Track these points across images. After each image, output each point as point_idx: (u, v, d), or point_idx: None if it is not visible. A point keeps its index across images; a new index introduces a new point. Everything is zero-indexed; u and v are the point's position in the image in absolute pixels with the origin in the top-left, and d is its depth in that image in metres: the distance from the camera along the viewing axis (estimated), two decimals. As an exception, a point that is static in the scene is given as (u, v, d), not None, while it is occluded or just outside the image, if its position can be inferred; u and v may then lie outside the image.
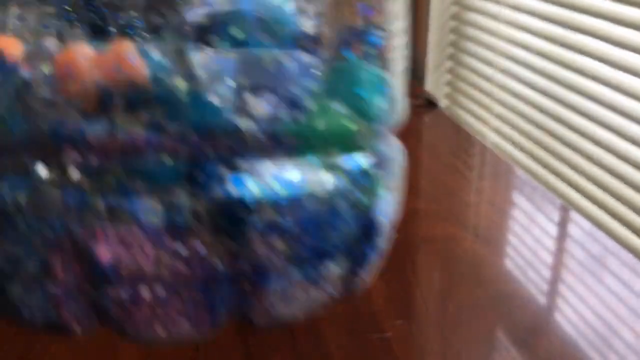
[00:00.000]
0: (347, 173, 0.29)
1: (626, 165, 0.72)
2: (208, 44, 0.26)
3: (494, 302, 0.51)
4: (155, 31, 0.26)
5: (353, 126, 0.28)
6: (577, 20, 0.79)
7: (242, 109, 0.26)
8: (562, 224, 0.64)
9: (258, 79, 0.26)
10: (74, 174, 0.27)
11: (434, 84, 1.14)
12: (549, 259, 0.58)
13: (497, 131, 0.99)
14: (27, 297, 0.29)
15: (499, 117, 0.99)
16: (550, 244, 0.60)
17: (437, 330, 0.48)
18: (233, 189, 0.27)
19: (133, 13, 0.26)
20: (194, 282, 0.29)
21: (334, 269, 0.31)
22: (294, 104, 0.27)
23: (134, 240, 0.27)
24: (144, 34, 0.26)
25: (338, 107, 0.28)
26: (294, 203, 0.27)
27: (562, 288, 0.54)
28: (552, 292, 0.53)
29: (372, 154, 0.29)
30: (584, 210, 0.80)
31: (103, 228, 0.27)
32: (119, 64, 0.25)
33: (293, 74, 0.27)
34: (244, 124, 0.26)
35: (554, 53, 0.84)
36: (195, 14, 0.26)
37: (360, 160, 0.29)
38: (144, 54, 0.26)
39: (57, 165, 0.26)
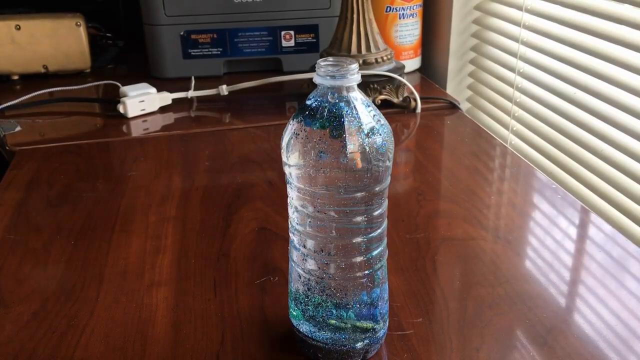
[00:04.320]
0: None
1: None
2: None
3: (514, 301, 0.51)
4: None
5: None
6: (599, 25, 0.79)
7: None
8: (583, 227, 0.64)
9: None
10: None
11: (456, 87, 1.14)
12: (569, 260, 0.58)
13: (518, 134, 1.00)
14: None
15: (519, 120, 0.99)
16: (571, 246, 0.61)
17: (457, 328, 0.49)
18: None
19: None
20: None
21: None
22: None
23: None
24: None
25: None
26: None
27: (582, 290, 0.54)
28: (572, 293, 0.53)
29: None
30: (605, 214, 0.80)
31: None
32: None
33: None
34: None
35: (576, 58, 0.85)
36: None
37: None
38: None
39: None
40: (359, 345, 0.44)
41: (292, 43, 1.12)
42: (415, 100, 0.94)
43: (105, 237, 0.62)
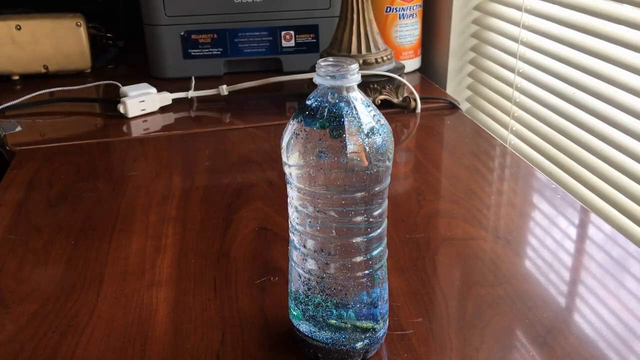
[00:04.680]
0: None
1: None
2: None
3: (514, 301, 0.51)
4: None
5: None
6: (598, 26, 0.79)
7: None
8: (583, 227, 0.64)
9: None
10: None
11: (456, 87, 1.15)
12: (569, 260, 0.58)
13: (518, 134, 1.00)
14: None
15: (519, 120, 0.99)
16: (571, 246, 0.61)
17: (457, 328, 0.49)
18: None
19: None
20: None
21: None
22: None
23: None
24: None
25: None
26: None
27: (582, 290, 0.54)
28: (572, 293, 0.53)
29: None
30: (605, 214, 0.80)
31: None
32: None
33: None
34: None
35: (575, 58, 0.85)
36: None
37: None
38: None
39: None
40: (359, 345, 0.44)
41: (292, 43, 1.12)
42: (415, 100, 0.94)
43: (105, 237, 0.62)
